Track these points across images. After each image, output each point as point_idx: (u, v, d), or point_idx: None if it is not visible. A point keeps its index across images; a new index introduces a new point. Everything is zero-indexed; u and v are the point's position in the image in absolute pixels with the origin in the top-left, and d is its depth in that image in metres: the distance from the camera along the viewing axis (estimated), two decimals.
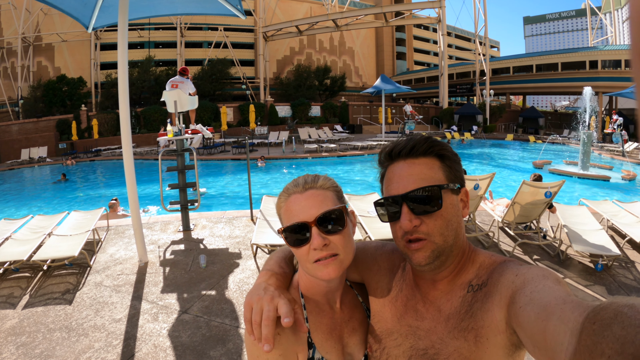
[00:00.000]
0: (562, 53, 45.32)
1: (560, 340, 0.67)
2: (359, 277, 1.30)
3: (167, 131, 7.66)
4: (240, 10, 6.65)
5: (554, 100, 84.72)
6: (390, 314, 1.15)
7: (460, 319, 1.00)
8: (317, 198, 1.10)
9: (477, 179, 6.61)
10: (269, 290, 1.06)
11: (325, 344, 1.14)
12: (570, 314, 0.68)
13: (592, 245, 5.79)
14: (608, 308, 0.58)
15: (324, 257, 1.06)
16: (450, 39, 74.30)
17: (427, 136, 1.11)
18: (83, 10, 6.29)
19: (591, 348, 0.55)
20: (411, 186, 1.03)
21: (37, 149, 28.17)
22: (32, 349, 3.97)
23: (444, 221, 1.03)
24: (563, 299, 0.74)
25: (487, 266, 1.04)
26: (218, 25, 50.04)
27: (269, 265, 1.24)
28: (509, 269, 0.96)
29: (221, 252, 6.51)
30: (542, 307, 0.76)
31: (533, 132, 38.77)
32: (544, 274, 0.88)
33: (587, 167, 16.32)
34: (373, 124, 39.21)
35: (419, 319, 1.09)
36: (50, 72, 44.57)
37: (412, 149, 1.07)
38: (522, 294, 0.85)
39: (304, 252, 1.08)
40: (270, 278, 1.15)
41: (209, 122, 32.48)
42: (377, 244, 1.36)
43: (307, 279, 1.17)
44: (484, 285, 1.00)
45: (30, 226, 7.03)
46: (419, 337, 1.06)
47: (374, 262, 1.28)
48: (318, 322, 1.16)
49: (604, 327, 0.55)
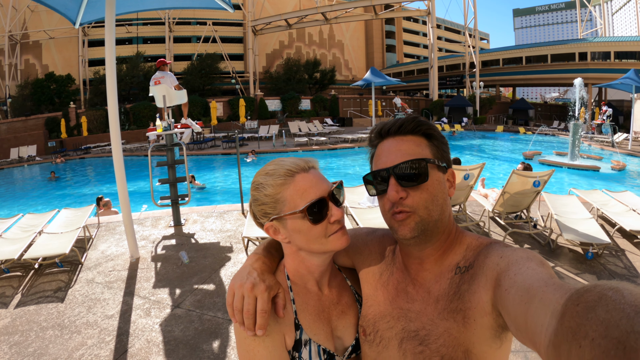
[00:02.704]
0: (551, 45, 45.62)
1: (540, 321, 0.68)
2: (350, 261, 1.31)
3: (156, 126, 7.61)
4: (228, 3, 6.60)
5: (543, 91, 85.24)
6: (382, 297, 1.17)
7: (449, 301, 1.01)
8: (321, 175, 1.15)
9: (467, 169, 6.63)
10: (252, 277, 1.07)
11: (313, 325, 1.15)
12: (551, 296, 0.69)
13: (582, 234, 5.82)
14: (592, 291, 0.58)
15: (340, 227, 1.13)
16: (440, 32, 74.55)
17: (415, 115, 1.13)
18: (70, 6, 6.22)
19: (575, 329, 0.55)
20: (399, 160, 1.05)
21: (26, 148, 27.92)
22: (25, 347, 3.95)
23: (430, 195, 1.04)
24: (545, 281, 0.75)
25: (474, 248, 1.06)
26: (207, 20, 49.89)
27: (258, 250, 1.25)
28: (494, 251, 0.98)
29: (212, 246, 6.50)
30: (525, 290, 0.77)
31: (523, 124, 38.91)
32: (527, 256, 0.89)
33: (576, 158, 16.43)
34: (363, 117, 39.24)
35: (410, 301, 1.10)
36: (38, 70, 44.31)
37: (400, 127, 1.10)
38: (507, 277, 0.86)
39: (322, 227, 1.10)
40: (256, 262, 1.15)
41: (199, 117, 32.34)
42: (369, 229, 1.37)
43: (295, 262, 1.18)
44: (471, 267, 1.01)
45: (21, 225, 6.97)
46: (410, 319, 1.08)
47: (365, 246, 1.29)
48: (305, 303, 1.17)
49: (588, 309, 0.55)
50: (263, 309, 1.02)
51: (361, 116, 39.60)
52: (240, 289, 1.04)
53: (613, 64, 39.21)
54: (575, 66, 41.33)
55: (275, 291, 1.08)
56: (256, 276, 1.08)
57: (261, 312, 1.01)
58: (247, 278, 1.07)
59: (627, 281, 3.00)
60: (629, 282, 4.99)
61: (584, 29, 59.54)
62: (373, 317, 1.15)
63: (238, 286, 1.05)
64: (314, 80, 47.79)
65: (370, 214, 6.61)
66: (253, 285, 1.04)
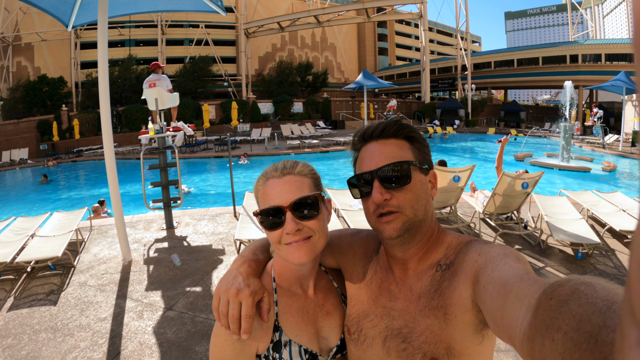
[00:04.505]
0: (543, 47, 45.85)
1: (516, 315, 0.69)
2: (335, 262, 1.33)
3: (148, 129, 7.62)
4: (221, 6, 6.63)
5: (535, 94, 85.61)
6: (366, 296, 1.19)
7: (430, 298, 1.04)
8: (294, 184, 1.13)
9: (457, 171, 6.66)
10: (237, 281, 1.10)
11: (295, 327, 1.17)
12: (526, 291, 0.70)
13: (572, 235, 5.88)
14: (565, 285, 0.59)
15: (295, 241, 1.10)
16: (432, 34, 74.74)
17: (397, 119, 1.16)
18: (62, 8, 6.23)
19: (548, 323, 0.57)
20: (382, 163, 1.08)
21: (18, 151, 27.79)
22: (18, 350, 3.95)
23: (414, 195, 1.07)
24: (521, 277, 0.77)
25: (455, 246, 1.08)
26: (199, 23, 49.79)
27: (245, 252, 1.27)
28: (473, 248, 1.00)
29: (205, 248, 6.51)
30: (502, 285, 0.80)
31: (515, 126, 39.10)
32: (505, 252, 0.91)
33: (567, 159, 16.51)
34: (355, 120, 39.26)
35: (393, 300, 1.12)
36: (30, 72, 43.97)
37: (383, 130, 1.13)
38: (485, 273, 0.88)
39: (277, 235, 1.11)
40: (241, 265, 1.18)
41: (191, 120, 32.19)
42: (353, 230, 1.39)
43: (280, 264, 1.21)
44: (451, 265, 1.03)
45: (13, 228, 6.95)
46: (393, 318, 1.10)
47: (350, 247, 1.31)
48: (289, 305, 1.20)
49: (561, 303, 0.57)
50: (247, 314, 1.05)
51: (353, 119, 39.61)
52: (225, 294, 1.08)
53: (604, 66, 39.44)
54: (566, 68, 41.55)
55: (260, 296, 1.11)
56: (241, 281, 1.10)
57: (245, 317, 1.04)
58: (232, 283, 1.10)
59: (616, 281, 3.04)
60: (619, 281, 5.05)
61: (575, 32, 60.02)
62: (357, 316, 1.18)
63: (224, 291, 1.09)
64: (307, 83, 47.64)
65: (361, 215, 6.57)
66: (238, 290, 1.07)
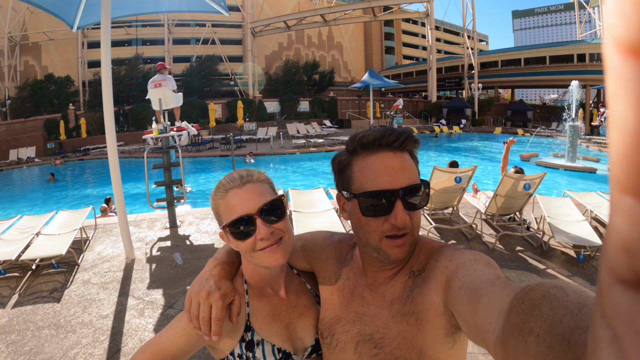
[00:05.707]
0: (550, 47, 45.56)
1: (489, 319, 0.70)
2: (309, 266, 1.35)
3: (152, 129, 7.67)
4: (224, 7, 6.67)
5: (542, 93, 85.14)
6: (338, 301, 1.20)
7: (402, 304, 1.04)
8: (256, 190, 1.16)
9: (458, 172, 6.66)
10: (208, 284, 1.13)
11: (266, 327, 1.20)
12: (498, 295, 0.71)
13: (574, 237, 5.85)
14: (537, 289, 0.60)
15: (269, 245, 1.12)
16: (439, 33, 74.44)
17: (410, 131, 1.07)
18: (67, 10, 6.28)
19: (520, 326, 0.57)
20: (405, 182, 1.01)
21: (25, 149, 27.88)
22: (21, 346, 4.02)
23: (420, 215, 1.07)
24: (492, 282, 0.78)
25: (426, 252, 1.08)
26: (206, 22, 49.83)
27: (219, 254, 1.29)
28: (444, 254, 1.01)
29: (207, 247, 6.57)
30: (473, 290, 0.81)
31: (521, 125, 38.86)
32: (475, 258, 0.93)
33: (573, 160, 16.40)
34: (362, 119, 39.10)
35: (365, 306, 1.13)
36: (38, 71, 44.10)
37: (403, 142, 1.03)
38: (456, 279, 0.90)
39: (249, 244, 1.13)
40: (214, 268, 1.21)
41: (197, 119, 32.27)
42: (326, 234, 1.39)
43: (249, 267, 1.23)
44: (423, 271, 1.04)
45: (19, 226, 7.02)
46: (365, 323, 1.10)
47: (323, 251, 1.32)
48: (260, 307, 1.22)
49: (533, 307, 0.57)
50: (217, 317, 1.08)
51: (360, 118, 39.50)
52: (197, 297, 1.10)
53: None
54: (573, 68, 41.21)
55: (231, 299, 1.13)
56: (212, 284, 1.13)
57: (215, 319, 1.07)
58: (204, 285, 1.13)
59: None
60: None
61: (583, 31, 59.55)
62: (329, 320, 1.19)
63: (195, 293, 1.11)
64: (313, 82, 47.63)
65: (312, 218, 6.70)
66: (208, 293, 1.10)
